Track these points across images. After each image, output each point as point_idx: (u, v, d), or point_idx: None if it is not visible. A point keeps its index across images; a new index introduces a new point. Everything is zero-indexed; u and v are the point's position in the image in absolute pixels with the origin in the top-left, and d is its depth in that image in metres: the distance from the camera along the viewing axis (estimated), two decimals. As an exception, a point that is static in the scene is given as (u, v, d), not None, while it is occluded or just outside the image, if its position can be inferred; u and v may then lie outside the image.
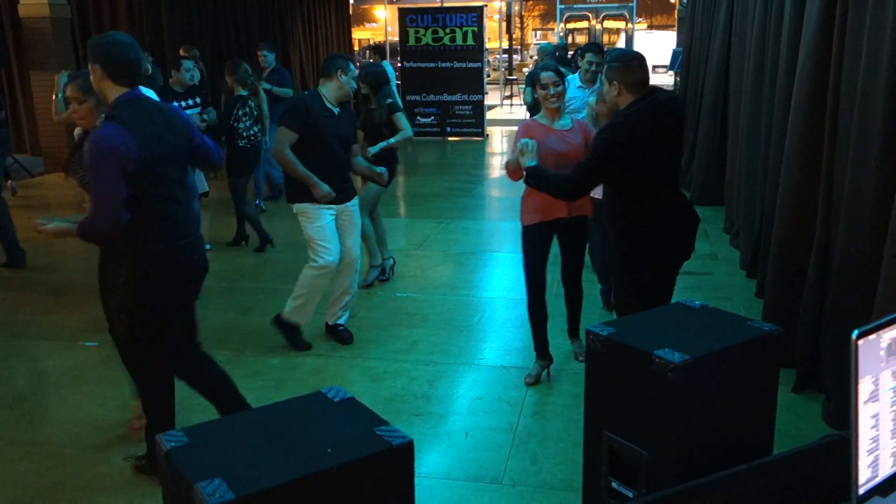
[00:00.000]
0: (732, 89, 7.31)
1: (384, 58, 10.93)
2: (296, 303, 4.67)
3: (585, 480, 2.75)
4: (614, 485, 2.57)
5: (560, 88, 4.06)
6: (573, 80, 5.84)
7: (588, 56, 5.82)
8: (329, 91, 4.55)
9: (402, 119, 5.78)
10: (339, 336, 4.85)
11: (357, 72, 4.73)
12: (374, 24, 37.66)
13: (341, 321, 4.89)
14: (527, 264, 4.22)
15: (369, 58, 9.41)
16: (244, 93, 6.98)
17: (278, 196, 8.80)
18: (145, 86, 6.47)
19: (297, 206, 4.59)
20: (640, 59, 3.41)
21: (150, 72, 8.37)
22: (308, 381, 4.32)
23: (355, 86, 4.72)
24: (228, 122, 6.84)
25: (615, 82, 3.37)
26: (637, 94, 3.35)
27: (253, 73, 7.30)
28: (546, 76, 4.05)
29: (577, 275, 4.40)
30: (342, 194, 4.62)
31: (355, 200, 4.80)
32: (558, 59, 7.90)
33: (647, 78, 3.40)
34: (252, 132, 6.95)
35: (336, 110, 4.57)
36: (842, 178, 3.67)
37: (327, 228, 4.57)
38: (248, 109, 6.92)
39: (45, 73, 10.06)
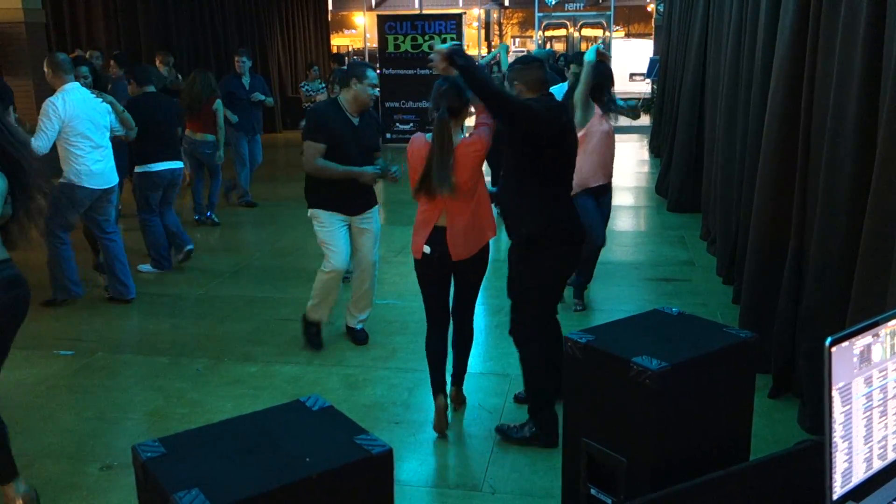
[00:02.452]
0: (709, 97, 7.39)
1: (342, 65, 11.18)
2: (312, 302, 4.84)
3: (564, 487, 2.77)
4: (593, 491, 2.58)
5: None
6: (563, 86, 6.25)
7: (572, 67, 6.30)
8: (345, 100, 4.54)
9: None
10: (355, 337, 4.96)
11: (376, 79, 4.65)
12: (353, 31, 37.58)
13: (359, 325, 4.99)
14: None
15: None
16: None
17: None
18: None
19: (311, 211, 4.70)
20: (539, 62, 3.63)
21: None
22: (286, 389, 4.30)
23: (375, 93, 4.65)
24: None
25: (516, 82, 3.56)
26: (536, 92, 3.55)
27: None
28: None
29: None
30: (360, 202, 4.71)
31: (375, 209, 4.84)
32: (551, 67, 8.03)
33: (544, 79, 3.61)
34: None
35: (355, 120, 4.55)
36: (816, 185, 3.72)
37: (336, 233, 4.66)
38: None
39: (20, 79, 9.93)
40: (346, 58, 16.08)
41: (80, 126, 5.27)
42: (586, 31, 23.91)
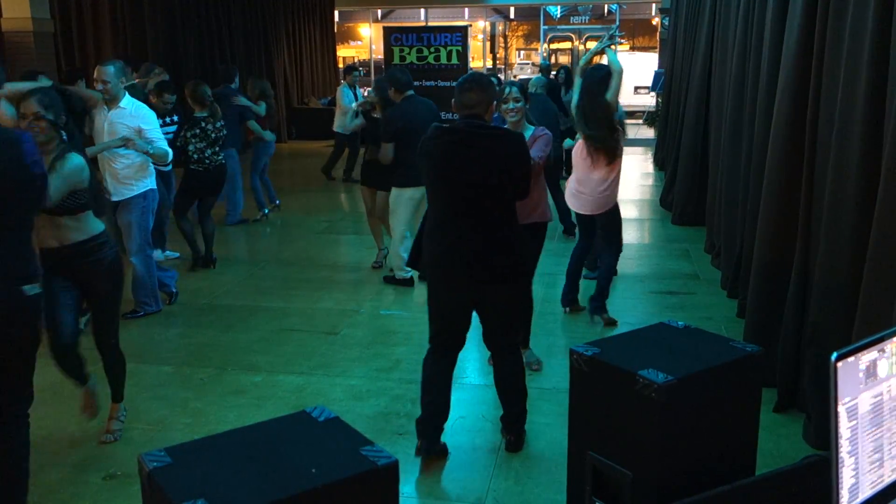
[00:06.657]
0: (714, 110, 7.40)
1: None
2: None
3: (569, 501, 2.75)
4: (598, 505, 2.57)
5: (519, 105, 4.43)
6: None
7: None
8: None
9: None
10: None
11: None
12: (359, 42, 37.72)
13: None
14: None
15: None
16: (203, 114, 6.71)
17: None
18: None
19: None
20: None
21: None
22: (290, 399, 4.29)
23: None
24: (175, 143, 6.50)
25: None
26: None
27: (212, 97, 6.94)
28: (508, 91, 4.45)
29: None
30: None
31: None
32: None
33: None
34: (205, 155, 6.65)
35: None
36: (821, 199, 3.72)
37: None
38: (197, 131, 6.60)
39: (27, 88, 9.98)
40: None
41: None
42: (591, 45, 23.97)
